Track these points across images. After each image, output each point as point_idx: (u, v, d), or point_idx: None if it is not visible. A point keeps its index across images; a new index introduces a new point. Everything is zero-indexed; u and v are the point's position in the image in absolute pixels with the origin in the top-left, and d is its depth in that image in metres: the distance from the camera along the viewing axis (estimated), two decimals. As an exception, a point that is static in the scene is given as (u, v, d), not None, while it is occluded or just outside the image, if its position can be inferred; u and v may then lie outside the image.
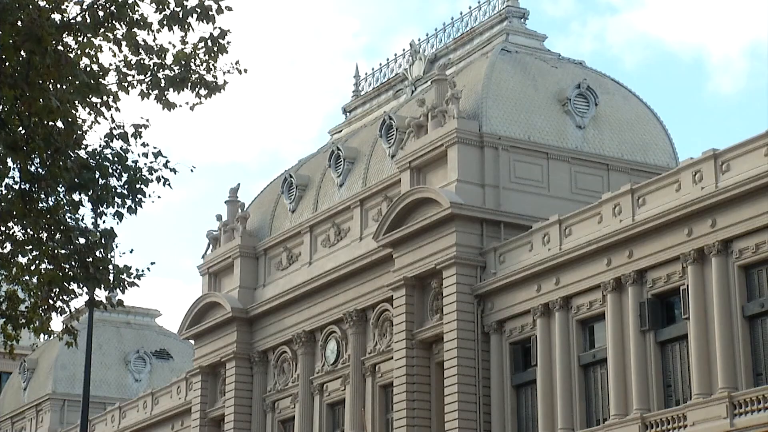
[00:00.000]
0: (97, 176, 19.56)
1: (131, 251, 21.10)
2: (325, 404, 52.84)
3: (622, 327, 40.79)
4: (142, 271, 20.79)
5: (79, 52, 19.02)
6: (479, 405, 44.79)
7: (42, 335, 21.63)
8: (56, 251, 20.20)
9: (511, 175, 47.36)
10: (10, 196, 19.54)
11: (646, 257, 40.35)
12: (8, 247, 20.30)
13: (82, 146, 19.64)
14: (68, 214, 19.99)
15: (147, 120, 20.09)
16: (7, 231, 20.13)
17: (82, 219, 20.23)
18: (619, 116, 51.03)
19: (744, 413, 36.52)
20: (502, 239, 45.97)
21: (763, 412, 35.94)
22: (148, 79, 19.52)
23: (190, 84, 19.52)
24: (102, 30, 19.00)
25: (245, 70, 19.74)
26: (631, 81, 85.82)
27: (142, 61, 19.43)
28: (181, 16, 19.13)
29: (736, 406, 36.82)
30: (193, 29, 19.28)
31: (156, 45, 19.37)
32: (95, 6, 18.82)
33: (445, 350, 45.64)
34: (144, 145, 20.06)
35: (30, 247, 20.14)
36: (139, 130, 19.99)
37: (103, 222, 20.30)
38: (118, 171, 19.95)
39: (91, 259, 20.22)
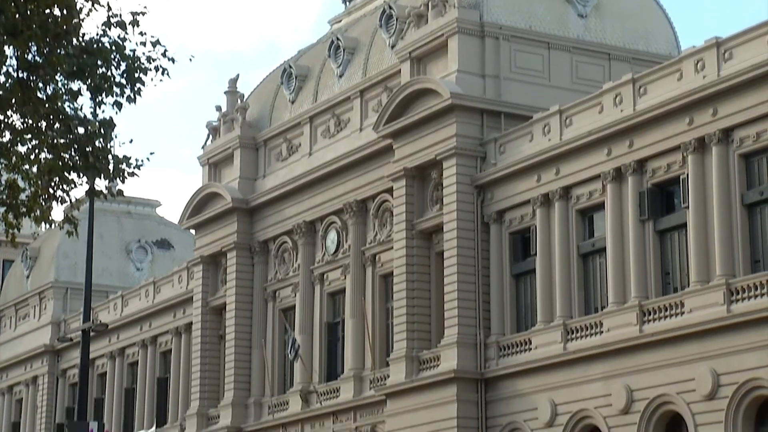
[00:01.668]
0: (97, 62, 19.46)
1: (131, 141, 21.11)
2: (325, 293, 53.23)
3: (621, 216, 40.95)
4: (142, 161, 20.83)
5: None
6: (478, 294, 45.13)
7: (43, 224, 21.71)
8: (55, 140, 20.20)
9: (512, 65, 47.13)
10: (8, 85, 19.47)
11: (647, 147, 40.34)
12: (7, 135, 20.29)
13: (80, 35, 19.51)
14: (67, 103, 19.94)
15: (145, 7, 19.94)
16: (6, 120, 20.09)
17: (81, 108, 20.20)
18: (621, 4, 50.61)
19: (741, 300, 36.83)
20: (502, 130, 45.92)
21: (759, 299, 36.25)
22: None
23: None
24: None
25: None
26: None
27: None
28: None
29: (733, 293, 37.10)
30: None
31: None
32: None
33: (445, 240, 45.87)
34: (142, 33, 19.94)
35: (29, 136, 20.13)
36: (137, 17, 19.84)
37: (102, 112, 20.31)
38: (116, 60, 19.86)
39: (90, 149, 20.23)
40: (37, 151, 20.30)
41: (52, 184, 20.68)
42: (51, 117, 19.92)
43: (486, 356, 44.50)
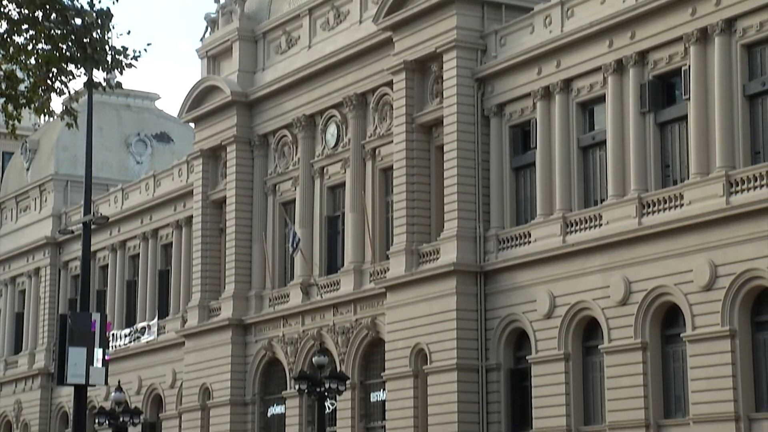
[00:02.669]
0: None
1: (128, 33, 20.98)
2: (325, 187, 53.31)
3: (622, 109, 40.85)
4: (139, 52, 20.71)
5: None
6: (478, 188, 45.20)
7: (42, 116, 21.67)
8: (53, 31, 20.07)
9: (513, -45, 46.63)
10: (4, -26, 19.31)
11: (649, 38, 40.08)
12: (3, 25, 20.17)
13: None
14: (64, -7, 19.78)
15: None
16: (2, 9, 19.95)
17: (78, -1, 20.05)
18: None
19: (740, 191, 36.88)
20: (503, 21, 45.59)
21: (759, 190, 36.31)
22: None
23: None
24: None
25: None
26: None
27: None
28: None
29: (733, 185, 37.15)
30: None
31: None
32: None
33: (445, 133, 45.81)
34: None
35: (26, 26, 20.00)
36: None
37: (99, 2, 20.15)
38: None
39: (88, 40, 20.12)
40: (34, 41, 20.18)
41: (51, 75, 20.60)
42: (47, 7, 19.78)
43: (485, 249, 44.70)
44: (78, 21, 20.01)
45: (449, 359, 44.02)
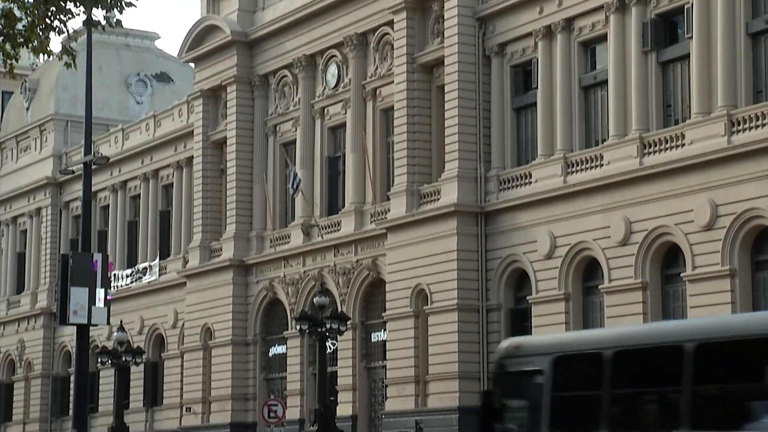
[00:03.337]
0: None
1: (127, -30, 20.80)
2: (326, 128, 53.20)
3: (624, 48, 40.64)
4: (139, -10, 20.56)
5: None
6: (479, 128, 45.10)
7: (41, 55, 21.53)
8: (51, -32, 19.91)
9: None
10: None
11: (651, -23, 39.84)
12: (1, -37, 20.02)
13: None
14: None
15: None
16: (0, -54, 19.81)
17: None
18: None
19: (742, 130, 36.80)
20: (504, -40, 45.30)
21: (760, 129, 36.22)
22: None
23: None
24: None
25: None
26: None
27: None
28: None
29: (735, 124, 37.06)
30: None
31: None
32: None
33: (446, 74, 45.64)
34: None
35: (24, -37, 19.85)
36: None
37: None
38: None
39: (86, -23, 19.95)
40: (32, -21, 20.03)
41: (49, 14, 20.45)
42: (46, -57, 19.63)
43: (486, 190, 44.68)
44: (77, -42, 19.85)
45: (450, 300, 44.15)
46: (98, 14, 20.97)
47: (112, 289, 47.33)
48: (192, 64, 61.02)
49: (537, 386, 17.96)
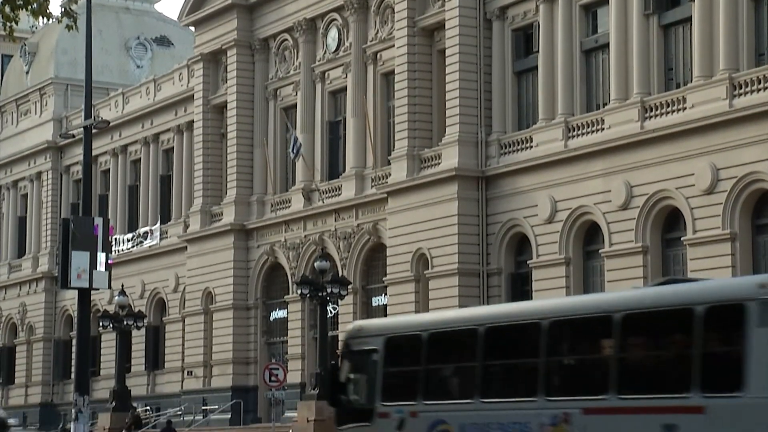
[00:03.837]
0: None
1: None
2: (326, 92, 53.11)
3: (625, 11, 40.47)
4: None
5: None
6: (480, 92, 45.01)
7: (41, 18, 21.45)
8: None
9: None
10: None
11: (654, -62, 39.68)
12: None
13: None
14: None
15: None
16: None
17: None
18: None
19: (743, 94, 36.71)
20: (505, -77, 45.10)
21: (762, 92, 36.10)
22: None
23: None
24: None
25: None
26: None
27: None
28: None
29: (736, 87, 36.96)
30: None
31: None
32: None
33: (447, 38, 45.51)
34: None
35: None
36: None
37: None
38: None
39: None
40: (31, -60, 19.96)
41: (49, -25, 20.39)
42: None
43: (487, 154, 44.64)
44: None
45: (450, 264, 44.19)
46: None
47: (113, 253, 47.32)
48: (192, 28, 60.88)
49: (373, 362, 20.91)
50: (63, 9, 21.68)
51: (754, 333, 15.83)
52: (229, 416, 54.41)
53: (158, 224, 62.40)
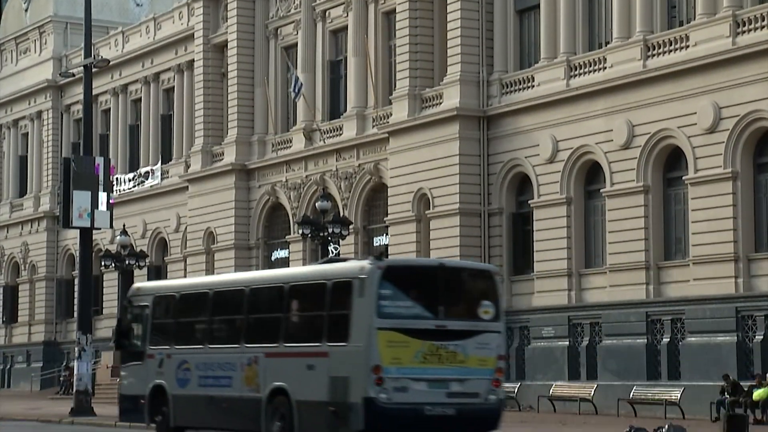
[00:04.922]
0: None
1: None
2: (327, 31, 52.86)
3: (628, -51, 40.24)
4: None
5: None
6: (482, 31, 44.80)
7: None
8: None
9: None
10: None
11: None
12: None
13: None
14: None
15: None
16: None
17: None
18: None
19: (747, 31, 36.50)
20: None
21: (765, 30, 35.91)
22: None
23: None
24: None
25: None
26: None
27: None
28: None
29: (739, 25, 36.75)
30: None
31: None
32: None
33: (449, -25, 45.24)
34: None
35: None
36: None
37: None
38: None
39: None
40: None
41: None
42: None
43: (488, 93, 44.50)
44: None
45: (452, 204, 44.21)
46: None
47: (114, 193, 47.37)
48: (192, -33, 60.49)
49: (145, 316, 27.16)
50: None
51: (355, 302, 21.62)
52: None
53: (159, 164, 62.37)
